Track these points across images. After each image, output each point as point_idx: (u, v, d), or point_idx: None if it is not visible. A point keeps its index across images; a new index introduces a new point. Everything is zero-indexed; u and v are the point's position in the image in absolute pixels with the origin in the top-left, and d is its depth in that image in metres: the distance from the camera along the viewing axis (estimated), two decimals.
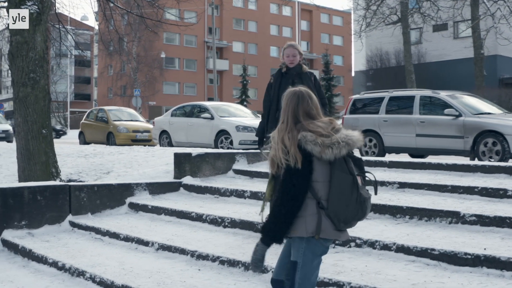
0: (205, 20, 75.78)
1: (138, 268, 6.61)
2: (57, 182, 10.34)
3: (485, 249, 5.67)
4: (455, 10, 32.17)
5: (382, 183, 8.81)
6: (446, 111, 14.68)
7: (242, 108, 22.73)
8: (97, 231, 8.56)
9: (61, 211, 9.15)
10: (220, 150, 13.21)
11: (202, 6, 64.36)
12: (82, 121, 28.32)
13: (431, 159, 14.37)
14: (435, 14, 32.95)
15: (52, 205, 9.06)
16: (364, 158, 11.91)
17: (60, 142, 28.57)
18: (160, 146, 21.71)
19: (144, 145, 20.68)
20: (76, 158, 15.21)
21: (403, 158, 13.74)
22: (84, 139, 26.95)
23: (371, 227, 6.86)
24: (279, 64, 7.60)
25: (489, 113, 14.89)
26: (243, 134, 18.36)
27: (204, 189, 10.06)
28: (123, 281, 6.08)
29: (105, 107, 28.44)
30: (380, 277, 5.39)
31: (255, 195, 9.04)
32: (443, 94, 15.37)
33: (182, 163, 10.84)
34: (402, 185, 8.67)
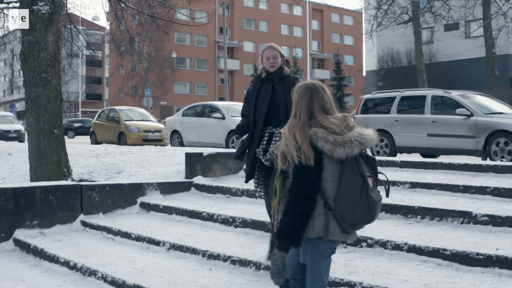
0: (216, 20, 75.74)
1: (149, 267, 6.62)
2: (68, 182, 10.37)
3: (497, 249, 5.64)
4: (467, 9, 32.00)
5: (393, 183, 8.80)
6: (458, 110, 14.63)
7: None
8: (108, 230, 8.58)
9: (73, 211, 9.18)
10: (232, 150, 13.21)
11: (213, 6, 64.43)
12: (93, 121, 28.43)
13: (443, 159, 14.32)
14: (446, 14, 32.79)
15: (63, 205, 9.08)
16: (376, 158, 11.89)
17: (71, 142, 28.67)
18: (171, 146, 21.76)
19: (155, 145, 20.76)
20: (87, 158, 15.26)
21: (414, 158, 13.72)
22: (96, 139, 27.02)
23: (382, 227, 6.84)
24: (259, 70, 6.61)
25: (501, 113, 14.83)
26: None
27: (215, 188, 10.08)
28: (135, 280, 6.09)
29: (117, 107, 28.53)
30: (391, 277, 5.38)
31: None
32: (454, 94, 15.32)
33: (193, 163, 10.86)
34: (414, 185, 8.66)
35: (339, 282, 5.39)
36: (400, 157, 13.03)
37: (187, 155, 11.06)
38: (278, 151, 4.00)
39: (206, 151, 11.42)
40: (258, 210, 8.29)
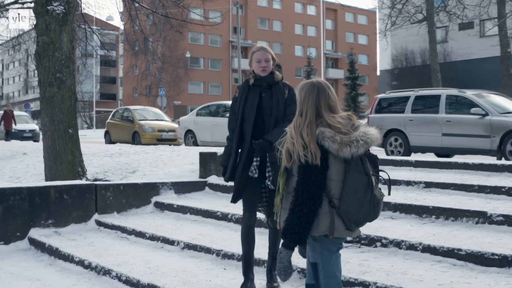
0: (230, 20, 75.75)
1: (163, 267, 6.64)
2: (83, 181, 10.41)
3: None
4: (481, 8, 31.81)
5: (408, 183, 8.79)
6: (473, 110, 14.57)
7: None
8: (123, 230, 8.61)
9: (87, 210, 9.22)
10: None
11: (227, 5, 64.40)
12: (107, 120, 28.50)
13: (458, 158, 14.24)
14: (461, 13, 32.62)
15: (78, 204, 9.13)
16: (390, 157, 11.87)
17: (86, 141, 28.81)
18: (186, 145, 21.80)
19: (170, 145, 20.81)
20: (102, 158, 15.31)
21: (429, 157, 13.65)
22: (110, 139, 27.11)
23: (397, 227, 6.83)
24: (248, 74, 5.86)
25: None
26: None
27: (230, 188, 10.05)
28: (149, 280, 6.10)
29: (131, 107, 28.61)
30: (406, 277, 5.36)
31: None
32: (469, 93, 15.25)
33: (208, 163, 10.87)
34: (428, 185, 8.63)
35: (354, 282, 5.38)
36: (415, 157, 12.98)
37: (201, 154, 11.08)
38: (282, 148, 3.99)
39: (220, 150, 11.42)
40: None
